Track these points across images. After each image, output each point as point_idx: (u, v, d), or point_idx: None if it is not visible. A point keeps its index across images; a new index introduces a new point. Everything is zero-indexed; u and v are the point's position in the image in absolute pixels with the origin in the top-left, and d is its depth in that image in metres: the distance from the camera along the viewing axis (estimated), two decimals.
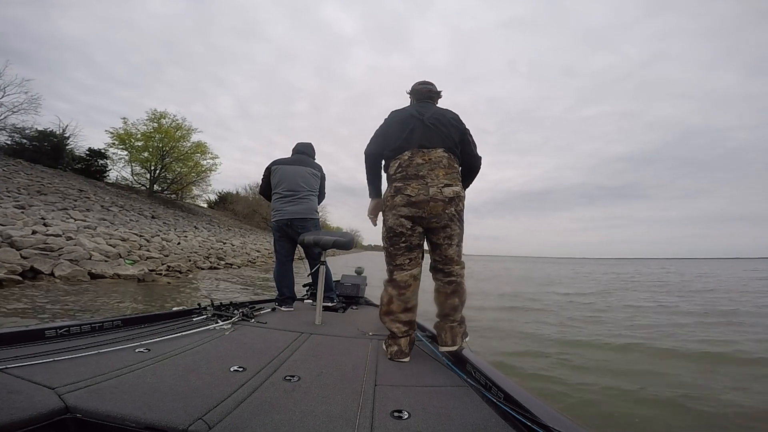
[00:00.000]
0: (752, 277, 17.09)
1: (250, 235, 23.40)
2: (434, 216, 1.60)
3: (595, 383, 2.76)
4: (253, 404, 0.99)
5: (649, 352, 3.69)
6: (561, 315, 5.86)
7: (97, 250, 7.42)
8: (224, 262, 11.93)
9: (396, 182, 1.65)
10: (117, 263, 7.34)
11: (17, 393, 0.89)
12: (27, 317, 3.70)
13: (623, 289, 10.68)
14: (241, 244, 17.45)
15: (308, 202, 2.89)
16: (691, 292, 10.09)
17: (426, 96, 1.87)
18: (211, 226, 20.09)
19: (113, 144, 20.86)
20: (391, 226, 1.65)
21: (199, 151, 23.41)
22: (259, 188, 3.13)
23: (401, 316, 1.63)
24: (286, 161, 2.95)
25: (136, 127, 21.36)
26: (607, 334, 4.48)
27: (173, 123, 22.16)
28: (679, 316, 5.85)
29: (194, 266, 9.82)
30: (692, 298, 8.43)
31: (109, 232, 9.23)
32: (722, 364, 3.32)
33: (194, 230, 16.33)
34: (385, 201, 1.71)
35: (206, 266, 10.37)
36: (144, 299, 5.29)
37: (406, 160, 1.64)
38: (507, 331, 4.60)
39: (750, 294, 9.54)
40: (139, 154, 21.11)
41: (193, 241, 12.98)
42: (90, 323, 1.65)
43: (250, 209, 33.19)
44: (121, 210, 13.68)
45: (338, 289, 3.31)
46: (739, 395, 2.59)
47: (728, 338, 4.33)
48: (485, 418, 1.00)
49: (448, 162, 1.65)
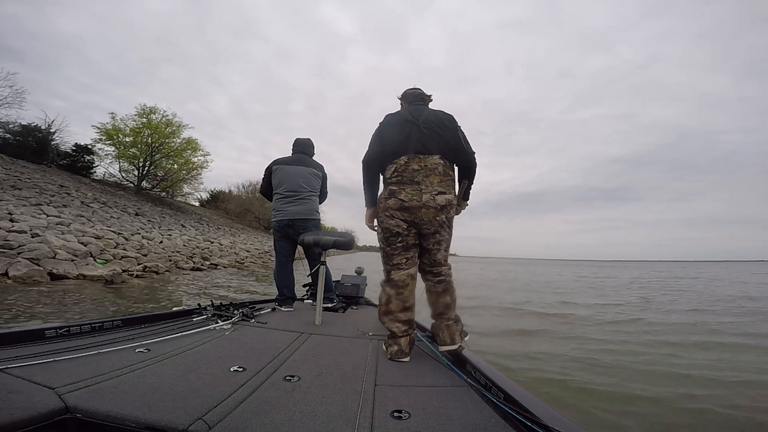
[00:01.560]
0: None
1: (240, 234, 22.79)
2: (425, 222, 1.62)
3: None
4: (253, 404, 0.99)
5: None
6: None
7: (65, 248, 6.87)
8: (209, 263, 11.37)
9: (391, 185, 1.67)
10: (86, 263, 6.80)
11: (17, 393, 0.89)
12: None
13: (671, 304, 8.02)
14: (230, 243, 16.87)
15: (310, 203, 2.87)
16: (742, 301, 8.40)
17: (417, 98, 1.88)
18: (200, 225, 19.48)
19: (100, 140, 20.24)
20: (388, 227, 1.67)
21: (189, 147, 22.78)
22: (260, 188, 3.10)
23: (400, 315, 1.65)
24: (288, 161, 2.92)
25: (125, 123, 20.75)
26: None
27: (163, 119, 21.55)
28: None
29: (174, 267, 9.27)
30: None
31: (83, 229, 8.67)
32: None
33: (181, 229, 15.74)
34: (379, 202, 1.72)
35: (188, 267, 9.81)
36: (84, 308, 4.35)
37: (402, 165, 1.65)
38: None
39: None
40: (127, 150, 20.46)
41: (178, 240, 12.40)
42: (90, 323, 1.64)
43: (242, 208, 32.47)
44: (102, 207, 13.09)
45: (338, 289, 3.28)
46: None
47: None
48: (485, 418, 1.00)
49: (444, 169, 1.66)
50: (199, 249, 12.49)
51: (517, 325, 5.23)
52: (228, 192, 35.23)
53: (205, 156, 23.92)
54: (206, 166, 24.33)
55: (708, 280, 16.95)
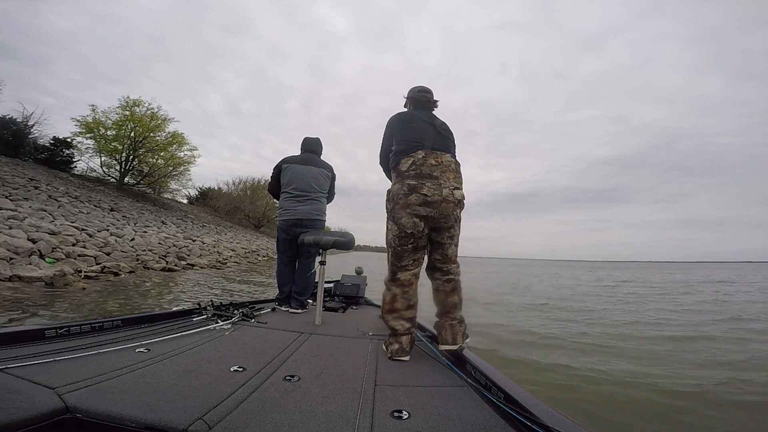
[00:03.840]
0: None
1: (227, 233, 21.89)
2: (443, 216, 1.64)
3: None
4: (253, 404, 0.99)
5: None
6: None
7: (6, 244, 6.04)
8: (185, 263, 10.53)
9: (410, 179, 1.65)
10: (28, 261, 5.97)
11: (17, 393, 0.89)
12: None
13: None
14: (213, 242, 16.00)
15: (318, 203, 2.86)
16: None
17: (425, 105, 1.91)
18: (183, 222, 18.55)
19: (80, 133, 19.29)
20: (404, 226, 1.65)
21: (175, 141, 21.84)
22: (268, 186, 3.10)
23: (405, 313, 1.67)
24: (298, 160, 2.89)
25: (107, 116, 19.81)
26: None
27: (148, 111, 20.63)
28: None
29: (142, 267, 8.44)
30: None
31: (39, 224, 7.82)
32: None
33: (160, 226, 14.84)
34: (397, 198, 1.68)
35: (159, 267, 8.98)
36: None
37: (420, 159, 1.66)
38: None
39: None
40: (108, 144, 19.51)
41: (153, 237, 11.55)
42: (90, 323, 1.64)
43: (232, 206, 31.48)
44: (72, 201, 12.19)
45: (338, 289, 3.31)
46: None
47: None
48: (485, 418, 1.00)
49: (456, 167, 1.71)
50: (175, 248, 11.63)
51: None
52: (218, 189, 34.30)
53: (192, 151, 23.03)
54: (193, 162, 23.44)
55: (721, 283, 16.11)
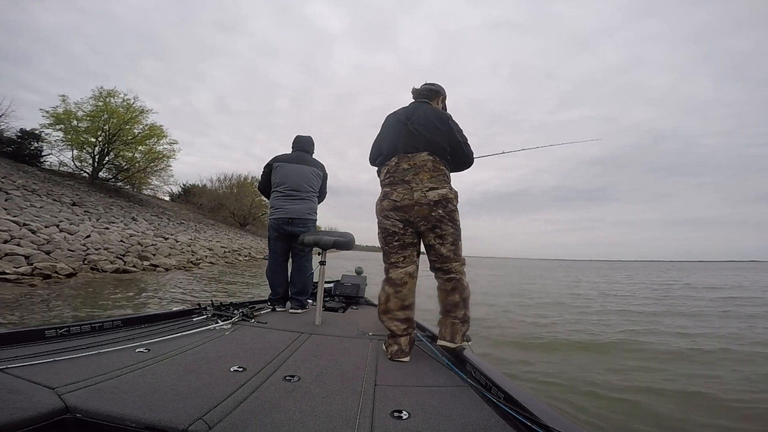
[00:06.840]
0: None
1: (208, 231, 20.85)
2: (422, 219, 1.65)
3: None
4: (253, 404, 0.99)
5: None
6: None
7: None
8: (148, 263, 9.58)
9: (385, 187, 1.75)
10: None
11: (17, 393, 0.89)
12: None
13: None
14: (189, 240, 15.01)
15: (310, 202, 2.84)
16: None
17: (422, 95, 1.93)
18: (158, 219, 17.50)
19: (49, 125, 18.11)
20: (385, 227, 1.73)
21: (153, 134, 20.72)
22: (258, 184, 3.09)
23: (398, 314, 1.66)
24: (289, 159, 2.87)
25: (79, 107, 18.65)
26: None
27: (124, 102, 19.51)
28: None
29: (88, 268, 7.51)
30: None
31: None
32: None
33: (129, 222, 13.82)
34: (376, 204, 1.79)
35: (111, 268, 8.04)
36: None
37: (393, 166, 1.72)
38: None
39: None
40: (79, 137, 18.36)
41: (114, 234, 10.57)
42: (90, 323, 1.64)
43: (215, 203, 30.32)
44: (27, 194, 11.15)
45: (338, 289, 3.35)
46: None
47: None
48: (485, 418, 1.00)
49: (433, 165, 1.68)
50: (140, 246, 10.66)
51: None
52: (202, 186, 33.08)
53: (171, 144, 21.91)
54: (173, 156, 22.33)
55: (729, 286, 15.43)
